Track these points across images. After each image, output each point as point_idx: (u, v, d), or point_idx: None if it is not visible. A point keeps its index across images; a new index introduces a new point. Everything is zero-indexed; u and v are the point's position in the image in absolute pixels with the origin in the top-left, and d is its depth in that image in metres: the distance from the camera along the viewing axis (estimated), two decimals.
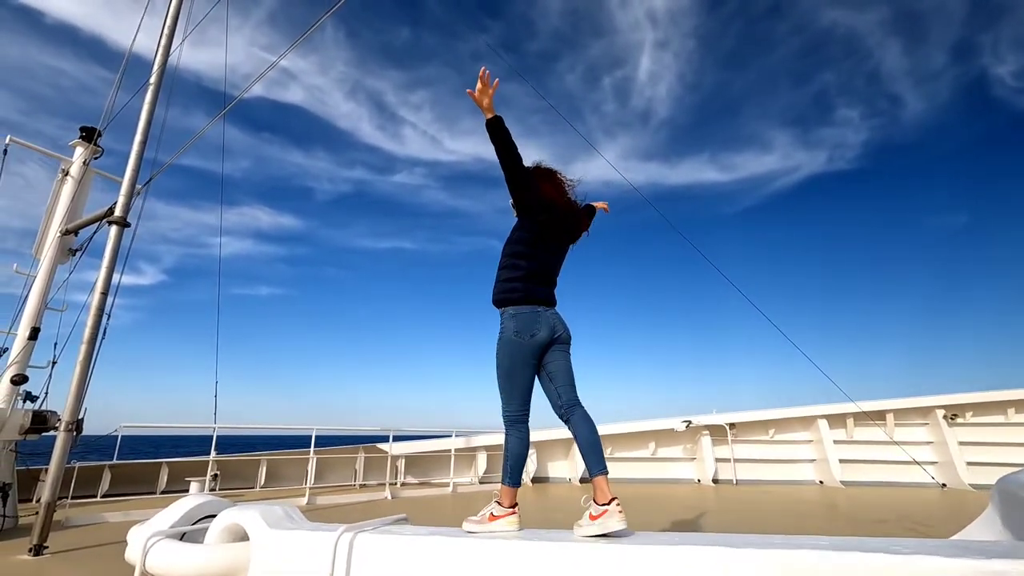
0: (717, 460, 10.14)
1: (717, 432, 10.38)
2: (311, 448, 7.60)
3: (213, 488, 6.77)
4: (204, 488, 6.33)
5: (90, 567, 3.86)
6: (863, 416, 9.65)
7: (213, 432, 6.79)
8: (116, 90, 6.16)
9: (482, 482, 9.69)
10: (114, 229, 4.89)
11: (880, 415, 9.99)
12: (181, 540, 2.65)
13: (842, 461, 9.74)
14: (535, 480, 10.17)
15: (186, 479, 6.48)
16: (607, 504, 2.13)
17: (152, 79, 5.24)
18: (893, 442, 9.34)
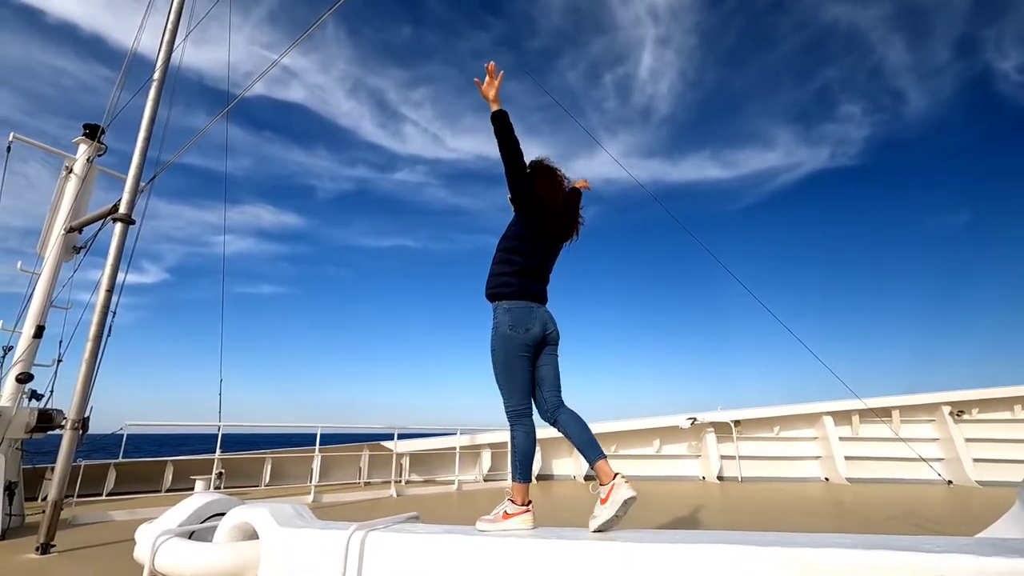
0: (722, 457, 10.10)
1: (722, 429, 10.35)
2: (316, 446, 7.58)
3: (218, 486, 6.76)
4: (209, 486, 6.32)
5: (98, 566, 3.84)
6: (869, 413, 9.61)
7: (218, 430, 6.77)
8: (119, 88, 6.14)
9: (486, 480, 9.69)
10: (119, 226, 4.87)
11: (886, 412, 9.94)
12: (190, 539, 2.63)
13: (848, 458, 9.69)
14: (540, 478, 10.15)
15: (191, 477, 6.48)
16: (612, 480, 2.25)
17: (156, 75, 5.21)
18: (899, 439, 9.30)
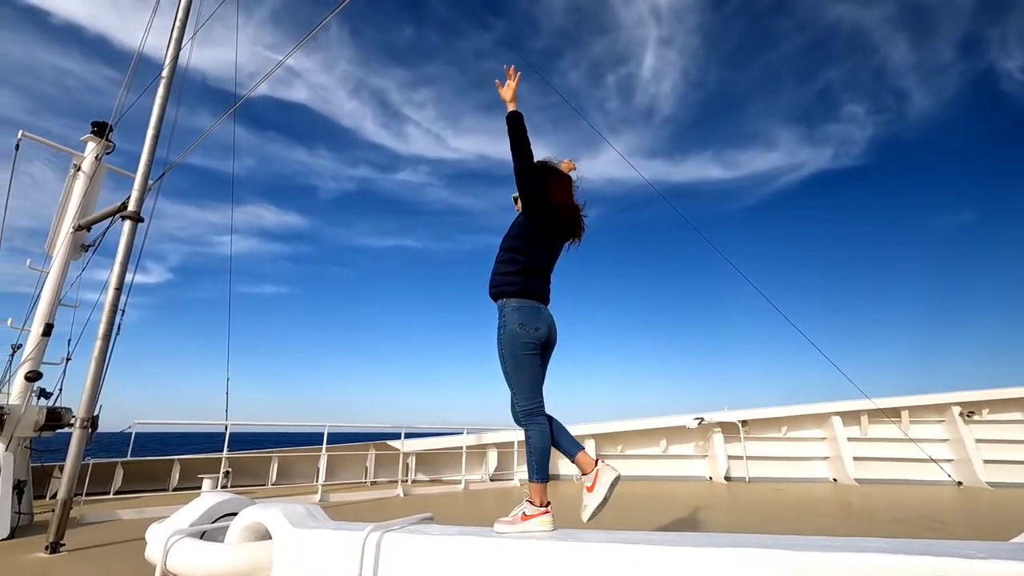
0: (729, 457, 10.05)
1: (729, 429, 10.29)
2: (323, 445, 7.56)
3: (225, 485, 6.75)
4: (217, 485, 6.30)
5: (108, 565, 3.82)
6: (878, 413, 9.53)
7: (226, 429, 6.75)
8: (127, 87, 6.12)
9: (493, 480, 9.66)
10: (128, 224, 4.86)
11: (895, 412, 9.86)
12: (201, 539, 2.61)
13: (856, 459, 9.61)
14: None
15: (198, 476, 6.46)
16: (596, 466, 2.38)
17: (164, 72, 5.20)
18: (909, 439, 9.22)
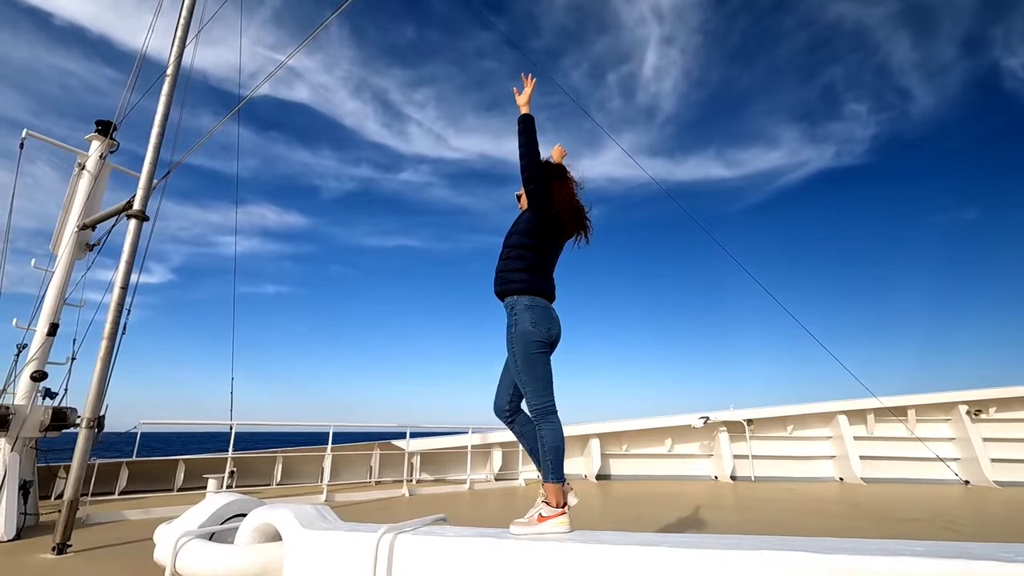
0: (735, 457, 10.01)
1: (735, 428, 10.25)
2: (328, 445, 7.53)
3: (230, 485, 6.72)
4: (222, 485, 6.28)
5: (115, 566, 3.80)
6: (884, 412, 9.48)
7: (231, 429, 6.72)
8: (131, 87, 6.09)
9: (498, 479, 9.63)
10: (133, 223, 4.83)
11: (901, 411, 9.81)
12: (210, 540, 2.58)
13: (863, 458, 9.57)
14: None
15: (203, 476, 6.43)
16: (563, 509, 2.26)
17: (169, 70, 5.17)
18: (915, 438, 9.18)
